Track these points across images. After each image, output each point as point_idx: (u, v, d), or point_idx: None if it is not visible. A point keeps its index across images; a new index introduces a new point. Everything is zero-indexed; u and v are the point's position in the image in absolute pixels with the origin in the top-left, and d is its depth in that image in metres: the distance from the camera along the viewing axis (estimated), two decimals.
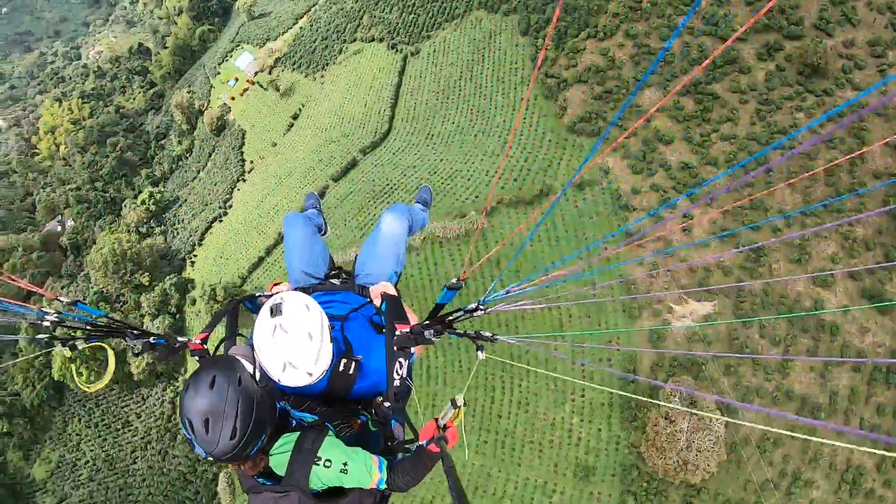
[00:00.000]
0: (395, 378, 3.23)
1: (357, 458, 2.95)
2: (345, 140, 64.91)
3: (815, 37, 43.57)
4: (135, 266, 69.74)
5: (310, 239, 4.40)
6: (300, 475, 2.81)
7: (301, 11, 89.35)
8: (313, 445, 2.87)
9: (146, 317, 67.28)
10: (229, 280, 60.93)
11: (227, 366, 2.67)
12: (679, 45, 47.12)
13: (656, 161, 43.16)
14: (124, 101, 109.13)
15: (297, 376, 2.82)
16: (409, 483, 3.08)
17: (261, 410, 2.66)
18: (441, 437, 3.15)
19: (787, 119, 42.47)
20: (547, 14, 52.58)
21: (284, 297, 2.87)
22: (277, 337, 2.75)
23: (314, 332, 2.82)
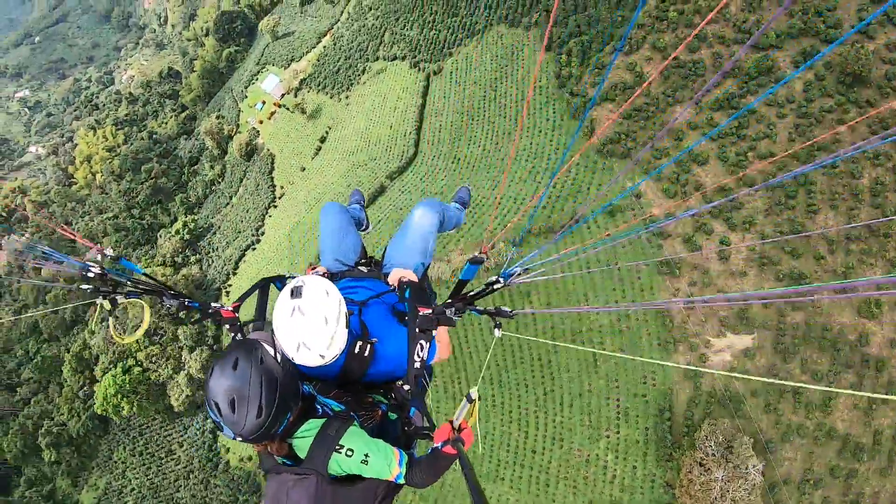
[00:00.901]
0: (416, 360, 3.35)
1: (379, 451, 3.04)
2: (372, 164, 65.29)
3: (854, 41, 41.65)
4: None
5: (343, 228, 4.62)
6: (320, 460, 2.91)
7: (324, 29, 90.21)
8: (337, 433, 2.97)
9: (184, 349, 69.20)
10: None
11: (248, 348, 2.78)
12: (710, 57, 45.77)
13: (691, 183, 41.87)
14: (157, 127, 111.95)
15: (310, 357, 2.97)
16: (427, 481, 3.16)
17: (284, 389, 2.76)
18: (457, 438, 3.19)
19: (828, 133, 40.63)
20: (569, 27, 51.68)
21: (306, 280, 3.02)
22: (295, 318, 2.90)
23: (330, 316, 2.96)
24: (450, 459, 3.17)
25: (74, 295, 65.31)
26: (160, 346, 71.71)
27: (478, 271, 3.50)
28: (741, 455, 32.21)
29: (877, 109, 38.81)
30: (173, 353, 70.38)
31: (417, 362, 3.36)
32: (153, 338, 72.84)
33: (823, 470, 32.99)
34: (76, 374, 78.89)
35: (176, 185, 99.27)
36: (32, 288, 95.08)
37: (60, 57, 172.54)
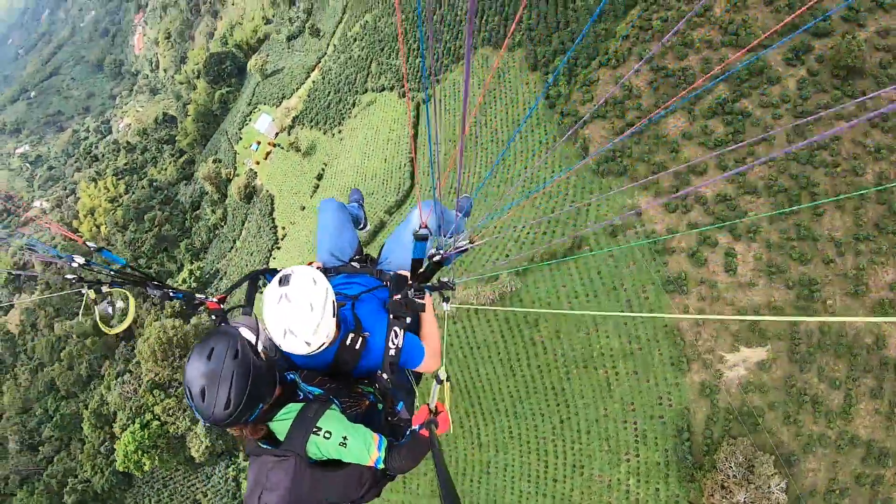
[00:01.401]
0: (391, 347, 3.47)
1: (357, 434, 3.11)
2: (370, 199, 65.19)
3: (845, 31, 40.87)
4: (182, 350, 71.77)
5: (340, 224, 4.75)
6: (298, 441, 2.98)
7: (312, 63, 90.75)
8: (314, 415, 3.05)
9: None
10: None
11: (226, 337, 2.84)
12: (699, 62, 45.17)
13: (691, 196, 41.04)
14: (157, 174, 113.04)
15: (296, 344, 3.05)
16: (406, 465, 3.21)
17: (257, 382, 2.82)
18: (431, 420, 3.27)
19: (827, 130, 39.69)
20: (553, 45, 51.36)
21: (295, 269, 3.14)
22: (282, 305, 2.99)
23: (316, 304, 3.04)
24: (425, 443, 3.23)
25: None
26: (176, 398, 72.03)
27: (426, 248, 3.53)
28: (763, 475, 31.67)
29: (872, 112, 38.43)
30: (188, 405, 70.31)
31: (392, 349, 3.47)
32: (168, 390, 73.23)
33: (849, 478, 32.27)
34: (96, 430, 79.40)
35: (180, 230, 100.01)
36: (47, 345, 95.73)
37: (57, 110, 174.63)
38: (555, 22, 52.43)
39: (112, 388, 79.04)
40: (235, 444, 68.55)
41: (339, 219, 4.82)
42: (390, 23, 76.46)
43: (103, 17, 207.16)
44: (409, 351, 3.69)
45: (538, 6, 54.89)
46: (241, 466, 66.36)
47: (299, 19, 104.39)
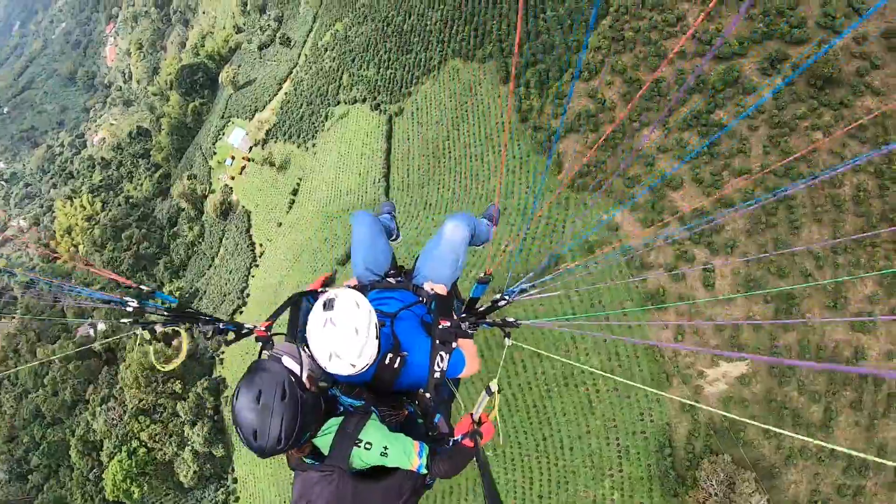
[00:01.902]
0: (436, 370, 3.40)
1: (397, 442, 3.14)
2: (345, 215, 63.57)
3: (821, 38, 39.63)
4: (165, 375, 70.26)
5: (374, 237, 4.62)
6: (341, 456, 3.00)
7: (284, 75, 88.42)
8: (355, 428, 3.07)
9: (186, 425, 68.40)
10: None
11: (271, 378, 2.87)
12: (672, 73, 43.77)
13: (667, 210, 40.10)
14: (132, 190, 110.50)
15: (342, 366, 3.08)
16: (448, 472, 3.24)
17: (305, 416, 2.89)
18: (476, 431, 3.29)
19: (803, 142, 38.69)
20: (525, 57, 49.64)
21: (338, 293, 3.14)
22: (327, 329, 3.02)
23: (361, 327, 3.05)
24: (469, 453, 3.25)
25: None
26: (161, 423, 70.66)
27: (485, 290, 3.77)
28: (744, 493, 31.51)
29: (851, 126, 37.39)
30: (175, 430, 69.70)
31: (437, 373, 3.41)
32: (153, 416, 71.79)
33: (830, 490, 32.00)
34: (84, 456, 78.37)
35: (158, 247, 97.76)
36: (30, 371, 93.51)
37: (31, 125, 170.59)
38: (525, 33, 50.65)
39: (97, 414, 77.44)
40: (224, 468, 67.50)
41: (373, 232, 4.69)
42: (360, 32, 74.28)
43: (74, 28, 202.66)
44: (451, 365, 3.59)
45: (508, 16, 53.17)
46: (230, 489, 65.28)
47: (270, 28, 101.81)
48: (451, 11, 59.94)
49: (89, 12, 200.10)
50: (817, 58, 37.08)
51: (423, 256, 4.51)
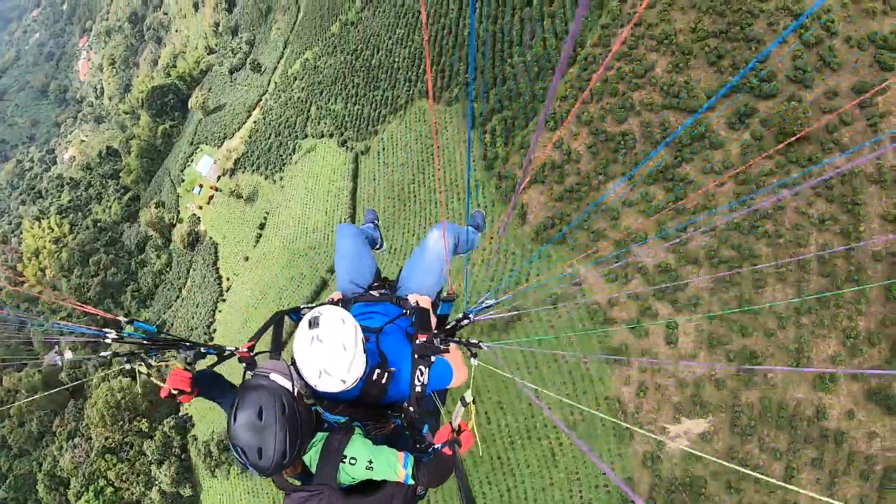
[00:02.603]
0: (416, 384, 3.37)
1: (381, 455, 3.08)
2: (312, 253, 61.47)
3: (791, 96, 38.19)
4: (131, 413, 67.73)
5: (359, 250, 4.58)
6: (328, 474, 2.96)
7: (253, 101, 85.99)
8: (339, 445, 3.02)
9: (153, 464, 66.38)
10: (221, 430, 58.85)
11: (269, 393, 2.79)
12: (639, 125, 42.15)
13: (631, 265, 38.78)
14: (101, 213, 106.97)
15: (332, 383, 3.00)
16: (434, 482, 3.20)
17: (304, 429, 2.86)
18: (454, 440, 3.27)
19: (767, 196, 37.43)
20: (491, 103, 47.75)
21: (322, 310, 3.05)
22: (314, 347, 2.93)
23: (348, 343, 2.99)
24: (448, 461, 3.22)
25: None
26: (128, 461, 68.04)
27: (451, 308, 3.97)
28: None
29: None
30: (142, 469, 67.35)
31: (418, 386, 3.38)
32: (120, 454, 69.10)
33: None
34: (51, 491, 75.40)
35: (126, 273, 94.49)
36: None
37: (2, 138, 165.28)
38: (492, 78, 48.79)
39: (64, 450, 74.60)
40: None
41: (357, 244, 4.62)
42: (329, 63, 72.05)
43: (48, 39, 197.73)
44: (439, 376, 3.61)
45: (476, 60, 51.28)
46: None
47: (241, 51, 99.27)
48: (419, 49, 57.99)
49: (63, 24, 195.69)
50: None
51: (407, 268, 4.46)
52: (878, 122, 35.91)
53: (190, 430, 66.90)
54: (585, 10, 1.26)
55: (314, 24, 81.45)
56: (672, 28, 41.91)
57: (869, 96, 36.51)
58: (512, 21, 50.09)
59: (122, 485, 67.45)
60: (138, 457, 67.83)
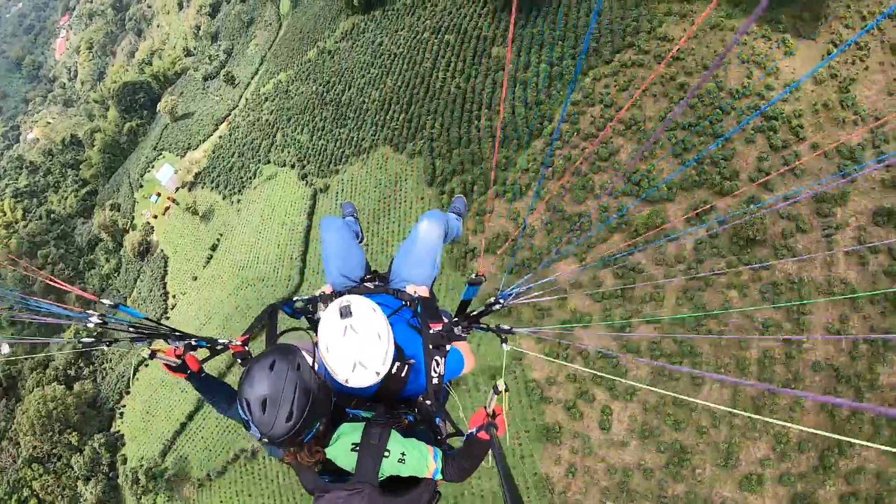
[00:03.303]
0: (433, 376, 3.19)
1: (414, 448, 2.96)
2: (260, 285, 58.88)
3: (750, 198, 37.49)
4: (62, 425, 64.50)
5: (347, 243, 4.33)
6: (371, 472, 2.79)
7: (222, 115, 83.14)
8: (381, 440, 2.85)
9: (80, 480, 63.02)
10: (151, 456, 56.58)
11: (286, 352, 2.66)
12: (596, 208, 40.96)
13: (572, 347, 37.49)
14: (56, 203, 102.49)
15: (366, 376, 2.79)
16: (464, 473, 3.10)
17: (317, 396, 2.64)
18: (491, 423, 3.11)
19: (717, 298, 36.57)
20: (453, 163, 46.05)
21: (351, 299, 2.84)
22: (349, 337, 2.72)
23: (382, 332, 2.81)
24: (484, 446, 3.07)
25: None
26: (55, 473, 64.41)
27: (477, 292, 3.66)
28: None
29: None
30: (68, 483, 64.06)
31: (435, 378, 3.19)
32: (48, 465, 65.28)
33: None
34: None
35: (74, 271, 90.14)
36: None
37: None
38: (457, 138, 47.14)
39: None
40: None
41: (345, 238, 4.32)
42: (301, 90, 69.72)
43: (30, 11, 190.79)
44: (453, 366, 3.42)
45: (442, 114, 49.57)
46: None
47: (218, 59, 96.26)
48: (389, 94, 56.15)
49: None
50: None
51: (398, 259, 4.20)
52: (834, 233, 35.51)
53: (120, 449, 63.66)
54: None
55: (292, 46, 79.19)
56: (642, 114, 40.88)
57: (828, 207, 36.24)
58: (484, 82, 48.62)
59: (46, 496, 64.29)
60: (65, 469, 64.58)
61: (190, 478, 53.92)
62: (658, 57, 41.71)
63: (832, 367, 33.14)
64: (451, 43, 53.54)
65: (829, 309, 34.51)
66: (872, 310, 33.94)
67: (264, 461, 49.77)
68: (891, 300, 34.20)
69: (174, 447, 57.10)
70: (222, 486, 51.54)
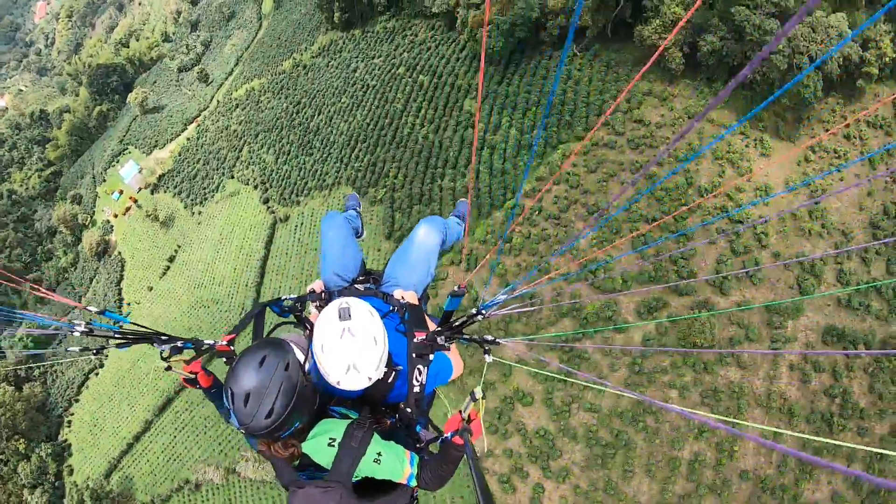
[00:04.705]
0: (414, 384, 3.11)
1: (390, 450, 2.92)
2: (214, 307, 56.50)
3: (706, 297, 36.23)
4: (9, 430, 62.40)
5: (345, 241, 4.23)
6: (346, 471, 2.73)
7: (192, 115, 79.42)
8: (361, 442, 2.78)
9: (26, 488, 60.38)
10: (96, 476, 54.44)
11: (278, 348, 2.64)
12: (550, 290, 39.11)
13: (513, 422, 37.12)
14: (19, 183, 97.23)
15: (358, 380, 2.72)
16: (439, 480, 3.05)
17: (301, 397, 2.61)
18: (465, 428, 3.04)
19: (657, 395, 35.74)
20: (412, 221, 43.59)
21: (350, 302, 2.79)
22: (345, 340, 2.68)
23: (379, 336, 2.77)
24: (459, 450, 3.01)
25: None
26: (1, 479, 61.70)
27: (459, 304, 3.40)
28: None
29: None
30: (14, 490, 61.31)
31: (416, 387, 3.10)
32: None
33: None
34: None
35: (31, 257, 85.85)
36: None
37: None
38: (419, 194, 44.72)
39: None
40: None
41: (345, 235, 4.23)
42: (272, 105, 66.28)
43: None
44: (439, 373, 3.33)
45: (407, 165, 47.00)
46: None
47: (195, 51, 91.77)
48: (357, 130, 53.28)
49: None
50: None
51: (393, 262, 4.09)
52: (783, 346, 34.70)
53: (66, 460, 61.29)
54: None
55: (269, 53, 75.59)
56: (607, 201, 38.95)
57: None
58: (452, 138, 46.03)
59: None
60: (12, 476, 61.74)
61: (135, 500, 52.12)
62: (631, 142, 39.59)
63: (759, 478, 32.98)
64: (424, 86, 50.84)
65: (765, 420, 34.17)
66: (807, 427, 33.61)
67: (207, 493, 48.12)
68: (825, 420, 33.68)
69: (120, 466, 55.34)
70: None
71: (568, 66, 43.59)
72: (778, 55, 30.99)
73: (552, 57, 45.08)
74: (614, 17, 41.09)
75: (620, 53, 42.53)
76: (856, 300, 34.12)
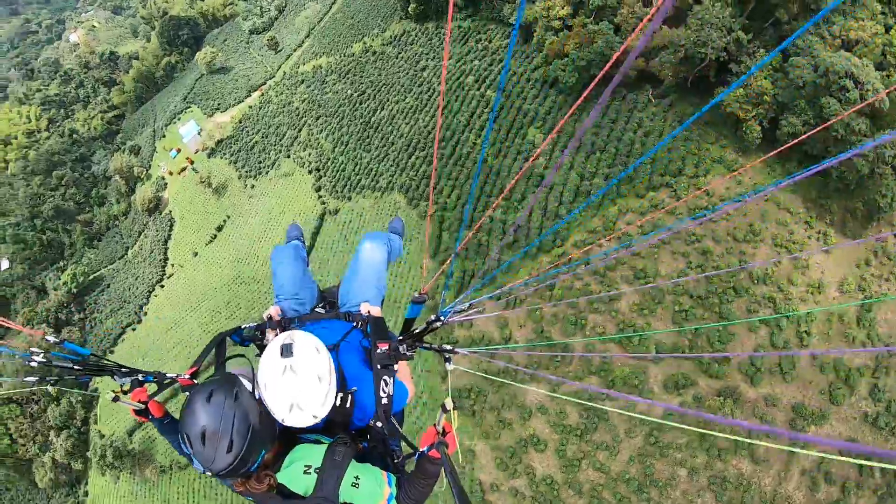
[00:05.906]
0: (382, 396, 3.15)
1: (368, 472, 2.95)
2: (255, 286, 58.72)
3: (736, 385, 36.37)
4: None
5: (298, 275, 4.31)
6: (332, 488, 2.75)
7: (257, 83, 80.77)
8: (343, 459, 2.84)
9: (53, 430, 64.48)
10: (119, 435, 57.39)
11: (224, 382, 2.62)
12: (582, 346, 40.04)
13: (523, 463, 37.97)
14: (81, 122, 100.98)
15: (303, 417, 2.71)
16: (419, 496, 3.09)
17: (259, 426, 2.59)
18: (441, 441, 3.09)
19: (666, 470, 36.14)
20: (462, 263, 44.15)
21: (294, 336, 2.80)
22: (287, 378, 2.67)
23: (323, 374, 2.76)
24: (436, 464, 3.05)
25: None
26: (31, 417, 66.13)
27: (421, 310, 3.57)
28: None
29: None
30: (42, 430, 65.62)
31: (384, 398, 3.15)
32: (25, 406, 67.00)
33: None
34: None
35: (84, 200, 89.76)
36: None
37: None
38: (469, 220, 45.35)
39: None
40: (79, 481, 64.08)
41: (297, 268, 4.32)
42: (337, 88, 67.26)
43: None
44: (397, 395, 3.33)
45: (462, 188, 47.59)
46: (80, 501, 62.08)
47: (268, 14, 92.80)
48: (417, 137, 53.95)
49: None
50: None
51: (345, 283, 4.22)
52: (801, 447, 34.58)
53: (94, 407, 64.97)
54: None
55: (339, 31, 75.63)
56: (655, 269, 39.05)
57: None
58: (511, 167, 46.19)
59: (19, 439, 66.05)
60: (41, 415, 65.92)
61: (154, 461, 55.11)
62: (692, 211, 39.36)
63: None
64: (490, 103, 51.05)
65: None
66: None
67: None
68: None
69: (144, 425, 58.03)
70: (182, 479, 52.64)
71: (640, 112, 43.34)
72: (861, 159, 30.54)
73: (625, 98, 44.79)
74: (696, 72, 40.69)
75: (697, 108, 42.02)
76: (883, 419, 33.94)
